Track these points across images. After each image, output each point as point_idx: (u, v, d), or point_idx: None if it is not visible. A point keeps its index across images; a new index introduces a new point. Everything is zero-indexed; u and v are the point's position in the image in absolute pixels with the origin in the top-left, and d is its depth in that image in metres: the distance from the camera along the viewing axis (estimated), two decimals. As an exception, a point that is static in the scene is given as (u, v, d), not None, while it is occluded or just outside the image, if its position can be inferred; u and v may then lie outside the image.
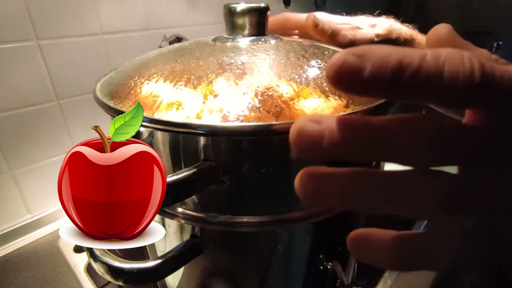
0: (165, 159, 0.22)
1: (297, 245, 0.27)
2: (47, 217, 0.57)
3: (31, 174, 0.54)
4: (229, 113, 0.20)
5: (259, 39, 0.28)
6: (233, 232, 0.24)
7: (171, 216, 0.24)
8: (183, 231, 0.26)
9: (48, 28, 0.50)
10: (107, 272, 0.22)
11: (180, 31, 0.68)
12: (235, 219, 0.23)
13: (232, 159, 0.21)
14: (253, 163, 0.21)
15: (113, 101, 0.24)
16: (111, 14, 0.57)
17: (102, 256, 0.23)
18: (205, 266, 0.27)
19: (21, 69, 0.49)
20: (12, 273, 0.46)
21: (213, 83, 0.22)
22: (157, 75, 0.24)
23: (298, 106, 0.20)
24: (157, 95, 0.22)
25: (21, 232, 0.54)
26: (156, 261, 0.23)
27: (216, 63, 0.24)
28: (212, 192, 0.22)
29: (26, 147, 0.52)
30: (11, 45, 0.47)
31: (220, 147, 0.20)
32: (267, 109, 0.20)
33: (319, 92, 0.22)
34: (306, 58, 0.25)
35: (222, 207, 0.23)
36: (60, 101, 0.54)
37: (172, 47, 0.31)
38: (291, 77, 0.23)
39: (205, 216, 0.23)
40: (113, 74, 0.30)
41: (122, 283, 0.23)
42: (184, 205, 0.24)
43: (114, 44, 0.58)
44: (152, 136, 0.22)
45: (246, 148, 0.20)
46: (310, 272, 0.28)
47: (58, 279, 0.45)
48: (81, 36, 0.54)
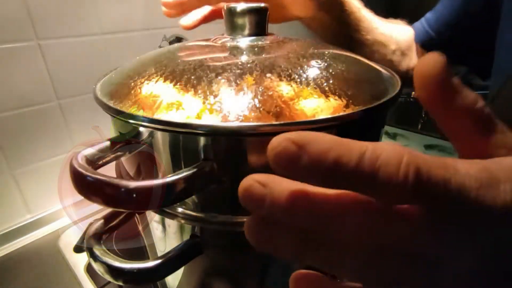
0: (165, 159, 0.22)
1: (297, 245, 0.27)
2: (47, 217, 0.57)
3: (31, 174, 0.54)
4: (229, 113, 0.20)
5: (259, 39, 0.28)
6: (233, 232, 0.24)
7: (171, 216, 0.24)
8: (183, 231, 0.26)
9: (48, 28, 0.50)
10: (107, 272, 0.22)
11: (180, 31, 0.68)
12: (235, 219, 0.23)
13: (232, 159, 0.21)
14: (253, 163, 0.21)
15: (113, 101, 0.24)
16: (111, 14, 0.57)
17: (102, 256, 0.23)
18: (205, 266, 0.27)
19: (21, 69, 0.49)
20: (12, 273, 0.46)
21: (213, 83, 0.22)
22: (157, 75, 0.24)
23: (298, 106, 0.20)
24: (157, 95, 0.22)
25: (21, 232, 0.54)
26: (156, 261, 0.23)
27: (216, 63, 0.24)
28: (212, 192, 0.22)
29: (26, 147, 0.52)
30: (11, 45, 0.47)
31: (220, 147, 0.20)
32: (267, 109, 0.20)
33: (319, 92, 0.22)
34: (306, 58, 0.25)
35: (222, 207, 0.23)
36: (60, 101, 0.54)
37: (172, 47, 0.31)
38: (291, 77, 0.23)
39: (205, 216, 0.23)
40: (113, 74, 0.30)
41: (122, 283, 0.23)
42: (184, 205, 0.24)
43: (114, 44, 0.58)
44: (152, 136, 0.22)
45: (246, 148, 0.20)
46: (310, 272, 0.28)
47: (58, 279, 0.45)
48: (81, 36, 0.54)
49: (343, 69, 0.25)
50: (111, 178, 0.18)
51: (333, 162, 0.11)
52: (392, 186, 0.10)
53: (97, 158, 0.21)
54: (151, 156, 0.23)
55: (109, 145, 0.22)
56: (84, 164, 0.19)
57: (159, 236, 0.29)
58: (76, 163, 0.19)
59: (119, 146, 0.23)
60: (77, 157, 0.20)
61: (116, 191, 0.17)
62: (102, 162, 0.22)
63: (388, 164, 0.10)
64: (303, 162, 0.11)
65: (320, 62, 0.25)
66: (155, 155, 0.23)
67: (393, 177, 0.10)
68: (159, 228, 0.28)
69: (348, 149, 0.11)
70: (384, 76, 0.28)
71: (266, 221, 0.13)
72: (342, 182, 0.11)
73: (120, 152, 0.23)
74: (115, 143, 0.23)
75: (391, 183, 0.10)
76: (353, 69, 0.26)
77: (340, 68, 0.25)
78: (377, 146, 0.11)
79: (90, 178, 0.18)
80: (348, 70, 0.25)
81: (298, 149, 0.11)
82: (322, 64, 0.25)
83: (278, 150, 0.11)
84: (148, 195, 0.18)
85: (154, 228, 0.29)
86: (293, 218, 0.12)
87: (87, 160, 0.20)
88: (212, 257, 0.25)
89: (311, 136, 0.11)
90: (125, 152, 0.24)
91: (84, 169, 0.18)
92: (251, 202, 0.12)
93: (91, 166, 0.20)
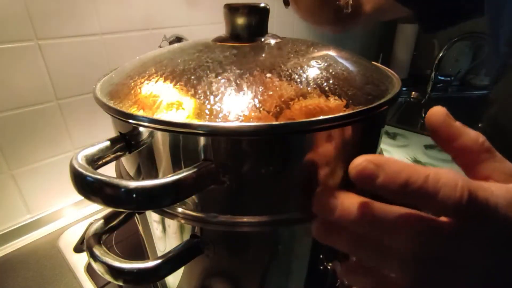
0: (165, 159, 0.22)
1: (297, 245, 0.27)
2: (47, 217, 0.57)
3: (31, 174, 0.54)
4: (229, 113, 0.20)
5: (259, 39, 0.28)
6: (233, 232, 0.24)
7: (171, 216, 0.24)
8: (183, 231, 0.26)
9: (48, 28, 0.50)
10: (107, 272, 0.22)
11: (180, 31, 0.68)
12: (235, 219, 0.23)
13: (232, 159, 0.21)
14: (253, 163, 0.21)
15: (113, 101, 0.24)
16: (111, 14, 0.57)
17: (102, 256, 0.23)
18: (205, 266, 0.27)
19: (21, 69, 0.49)
20: (12, 273, 0.46)
21: (213, 83, 0.22)
22: (157, 75, 0.24)
23: (298, 106, 0.20)
24: (157, 95, 0.22)
25: (21, 232, 0.54)
26: (156, 261, 0.23)
27: (216, 63, 0.24)
28: (212, 192, 0.22)
29: (26, 147, 0.52)
30: (11, 45, 0.47)
31: (220, 147, 0.20)
32: (267, 109, 0.20)
33: (319, 92, 0.22)
34: (306, 58, 0.25)
35: (222, 207, 0.23)
36: (59, 101, 0.54)
37: (172, 47, 0.31)
38: (291, 77, 0.23)
39: (205, 216, 0.23)
40: (113, 74, 0.30)
41: (122, 283, 0.23)
42: (184, 205, 0.24)
43: (114, 44, 0.58)
44: (152, 136, 0.22)
45: (246, 148, 0.20)
46: (310, 272, 0.28)
47: (58, 279, 0.45)
48: (81, 36, 0.54)
49: (343, 69, 0.25)
50: (111, 178, 0.18)
51: (404, 181, 0.14)
52: (450, 204, 0.14)
53: (97, 158, 0.21)
54: (151, 156, 0.23)
55: (109, 145, 0.22)
56: (84, 164, 0.19)
57: (159, 236, 0.29)
58: (76, 163, 0.19)
59: (119, 146, 0.23)
60: (77, 157, 0.20)
61: (116, 191, 0.17)
62: (102, 162, 0.22)
63: (447, 185, 0.14)
64: (380, 179, 0.14)
65: (320, 62, 0.25)
66: (155, 155, 0.23)
67: (452, 195, 0.14)
68: (159, 228, 0.28)
69: (416, 171, 0.14)
70: (384, 76, 0.28)
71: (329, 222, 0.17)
72: (409, 197, 0.14)
73: (120, 152, 0.23)
74: (115, 143, 0.23)
75: (449, 201, 0.14)
76: (353, 69, 0.26)
77: (340, 68, 0.25)
78: (438, 170, 0.14)
79: (90, 178, 0.18)
80: (348, 70, 0.25)
81: (376, 168, 0.14)
82: (322, 64, 0.25)
83: (360, 168, 0.14)
84: (148, 195, 0.18)
85: (154, 228, 0.29)
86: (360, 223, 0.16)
87: (87, 160, 0.20)
88: (212, 257, 0.25)
89: (386, 159, 0.14)
90: (125, 152, 0.24)
91: (84, 169, 0.18)
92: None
93: (91, 166, 0.20)
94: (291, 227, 0.25)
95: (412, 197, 0.14)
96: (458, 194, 0.14)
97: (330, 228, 0.18)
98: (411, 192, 0.14)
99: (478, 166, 0.17)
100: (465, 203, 0.14)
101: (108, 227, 0.28)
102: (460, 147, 0.17)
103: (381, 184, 0.14)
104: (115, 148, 0.23)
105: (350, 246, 0.17)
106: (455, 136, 0.17)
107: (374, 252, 0.16)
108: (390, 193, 0.14)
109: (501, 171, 0.17)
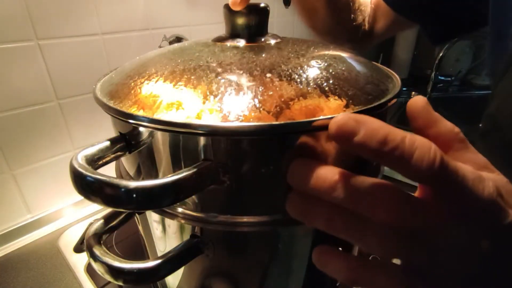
0: (165, 159, 0.22)
1: (297, 245, 0.27)
2: (47, 217, 0.57)
3: (31, 174, 0.54)
4: (229, 113, 0.20)
5: (259, 39, 0.28)
6: (233, 232, 0.24)
7: (171, 216, 0.24)
8: (183, 231, 0.26)
9: (48, 28, 0.50)
10: (107, 272, 0.22)
11: (180, 31, 0.68)
12: (235, 219, 0.23)
13: (232, 159, 0.21)
14: (253, 163, 0.21)
15: (113, 101, 0.24)
16: (111, 14, 0.57)
17: (102, 256, 0.23)
18: (205, 266, 0.27)
19: (21, 69, 0.49)
20: (12, 273, 0.46)
21: (213, 83, 0.22)
22: (157, 75, 0.24)
23: (298, 106, 0.20)
24: (157, 95, 0.22)
25: (21, 232, 0.54)
26: (156, 261, 0.23)
27: (216, 63, 0.24)
28: (212, 192, 0.21)
29: (26, 147, 0.52)
30: (11, 45, 0.47)
31: (220, 147, 0.20)
32: (267, 109, 0.20)
33: (319, 92, 0.22)
34: (306, 58, 0.25)
35: (222, 207, 0.23)
36: (60, 101, 0.54)
37: (172, 47, 0.31)
38: (291, 77, 0.23)
39: (205, 216, 0.23)
40: (113, 74, 0.30)
41: (122, 283, 0.23)
42: (184, 205, 0.24)
43: (114, 44, 0.59)
44: (152, 136, 0.22)
45: (246, 148, 0.20)
46: (310, 272, 0.28)
47: (58, 279, 0.45)
48: (81, 36, 0.54)
49: (343, 69, 0.25)
50: (111, 178, 0.18)
51: (383, 137, 0.14)
52: (424, 164, 0.14)
53: (97, 158, 0.21)
54: (151, 156, 0.23)
55: (109, 145, 0.22)
56: (84, 164, 0.19)
57: (159, 236, 0.29)
58: (76, 163, 0.19)
59: (119, 146, 0.23)
60: (77, 157, 0.20)
61: (116, 191, 0.17)
62: (102, 162, 0.22)
63: (423, 146, 0.14)
64: (359, 135, 0.14)
65: (320, 62, 0.25)
66: (155, 155, 0.23)
67: (426, 156, 0.14)
68: (159, 228, 0.28)
69: (394, 130, 0.14)
70: (384, 76, 0.28)
71: (304, 195, 0.17)
72: (386, 157, 0.14)
73: (120, 152, 0.23)
74: (115, 143, 0.23)
75: (423, 162, 0.14)
76: (353, 69, 0.26)
77: (340, 68, 0.25)
78: (414, 135, 0.14)
79: (90, 178, 0.18)
80: (348, 70, 0.25)
81: (356, 124, 0.14)
82: (322, 64, 0.25)
83: (341, 123, 0.14)
84: (148, 195, 0.18)
85: (154, 228, 0.29)
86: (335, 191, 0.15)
87: (87, 160, 0.20)
88: (212, 257, 0.25)
89: (367, 118, 0.14)
90: (125, 152, 0.24)
91: (84, 169, 0.18)
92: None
93: (91, 166, 0.20)
94: (291, 227, 0.25)
95: (389, 158, 0.14)
96: (432, 156, 0.14)
97: (306, 201, 0.17)
98: (389, 151, 0.14)
99: (452, 155, 0.18)
100: (437, 167, 0.14)
101: (108, 227, 0.27)
102: (436, 134, 0.18)
103: (360, 141, 0.14)
104: (115, 148, 0.23)
105: (326, 221, 0.17)
106: (432, 123, 0.18)
107: (352, 226, 0.16)
108: (367, 153, 0.14)
109: (473, 161, 0.18)
